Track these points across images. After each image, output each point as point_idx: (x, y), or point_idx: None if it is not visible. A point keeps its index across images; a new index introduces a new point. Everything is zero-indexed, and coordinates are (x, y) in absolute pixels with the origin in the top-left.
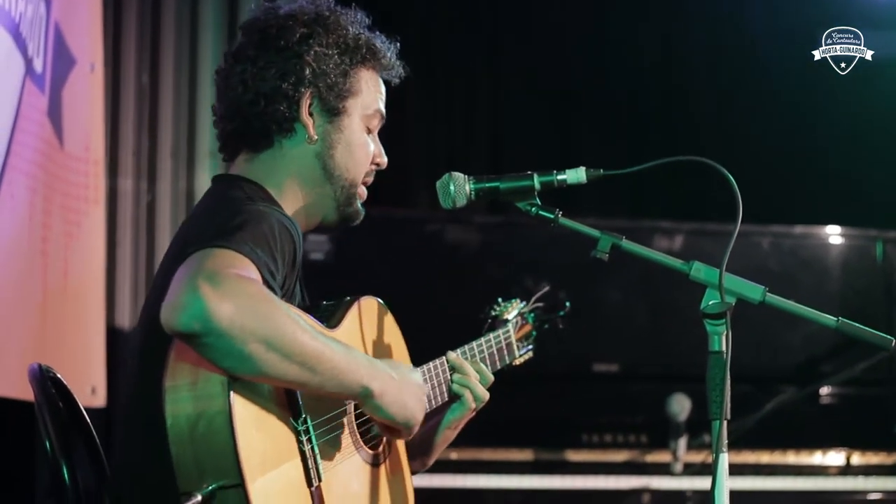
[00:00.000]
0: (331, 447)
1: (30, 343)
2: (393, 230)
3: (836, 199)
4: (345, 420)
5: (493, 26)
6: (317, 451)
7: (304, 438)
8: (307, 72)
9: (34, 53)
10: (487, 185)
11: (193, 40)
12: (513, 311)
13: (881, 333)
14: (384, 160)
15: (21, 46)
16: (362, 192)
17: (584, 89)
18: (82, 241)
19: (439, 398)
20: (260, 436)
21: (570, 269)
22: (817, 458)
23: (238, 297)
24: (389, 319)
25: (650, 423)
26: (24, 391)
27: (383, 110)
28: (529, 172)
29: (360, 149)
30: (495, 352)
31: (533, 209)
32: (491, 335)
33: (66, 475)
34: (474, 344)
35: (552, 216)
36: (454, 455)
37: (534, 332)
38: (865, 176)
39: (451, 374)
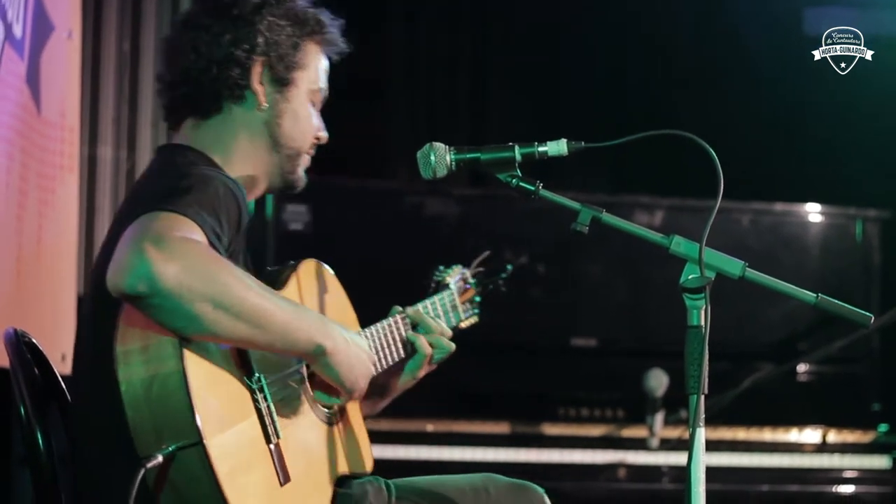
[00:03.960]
0: (285, 405)
1: (2, 309)
2: (372, 202)
3: (817, 177)
4: (298, 378)
5: (476, 2)
6: (272, 408)
7: (258, 396)
8: (260, 40)
9: (13, 19)
10: (468, 155)
11: (175, 9)
12: (455, 275)
13: (860, 310)
14: (325, 135)
15: (1, 11)
16: (307, 162)
17: (568, 64)
18: (56, 208)
19: (395, 355)
20: (215, 395)
21: (550, 242)
22: (794, 435)
23: (183, 258)
24: (333, 281)
25: (627, 398)
26: None
27: (326, 88)
28: (510, 144)
29: (306, 120)
30: (441, 314)
31: (514, 181)
32: (436, 297)
33: (40, 441)
34: (427, 302)
35: (532, 188)
36: (430, 427)
37: (477, 297)
38: (846, 154)
39: (408, 329)
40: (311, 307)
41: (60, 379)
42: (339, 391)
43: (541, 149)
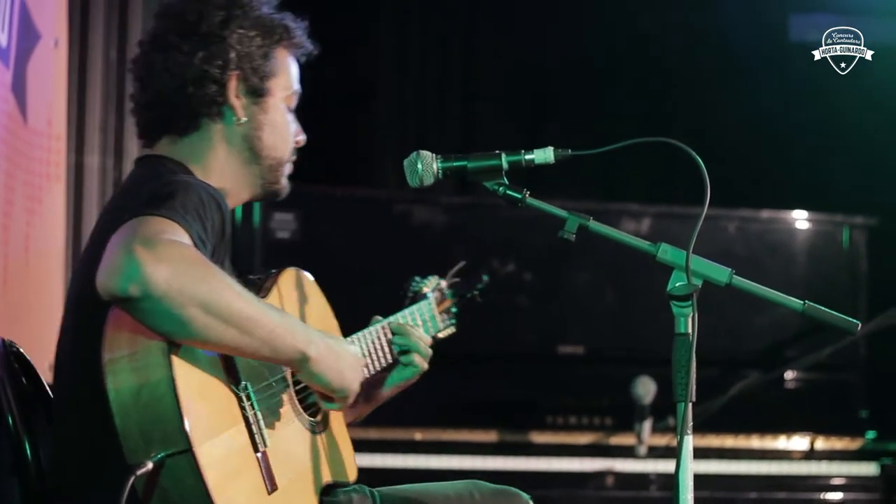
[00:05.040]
0: (271, 414)
1: None
2: (359, 209)
3: (804, 185)
4: (283, 387)
5: (468, 5)
6: (259, 416)
7: (246, 404)
8: (232, 55)
9: None
10: (455, 163)
11: None
12: (431, 286)
13: (847, 317)
14: (303, 138)
15: None
16: (290, 169)
17: (557, 71)
18: (44, 218)
19: (382, 360)
20: (203, 402)
21: (537, 251)
22: (781, 442)
23: (175, 261)
24: (314, 289)
25: (615, 406)
26: None
27: (299, 88)
28: (497, 152)
29: (285, 128)
30: (420, 324)
31: (500, 189)
32: (414, 307)
33: (28, 451)
34: (406, 312)
35: (519, 196)
36: (418, 436)
37: (454, 308)
38: (833, 162)
39: (392, 338)
40: (297, 315)
41: (48, 388)
42: (332, 397)
43: (527, 157)
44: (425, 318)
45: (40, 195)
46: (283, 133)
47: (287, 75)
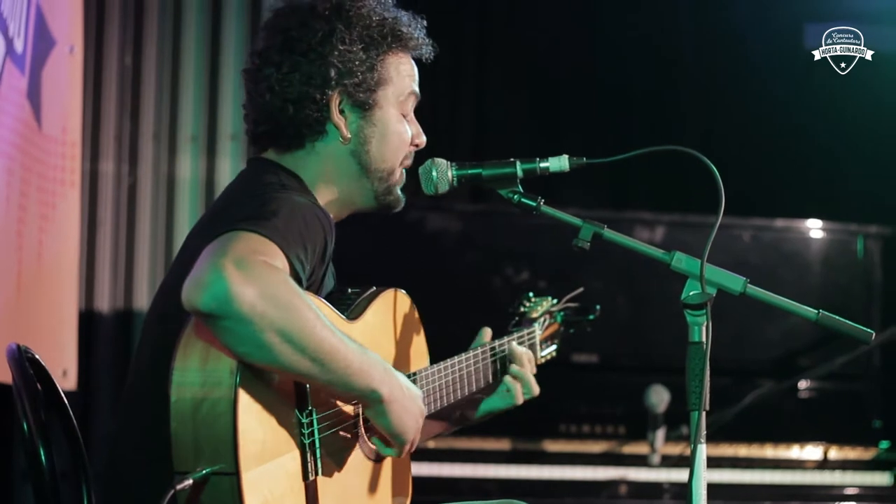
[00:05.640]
0: (333, 441)
1: (2, 324)
2: (372, 217)
3: (818, 194)
4: (350, 414)
5: (481, 11)
6: (317, 444)
7: (306, 431)
8: (332, 73)
9: (15, 34)
10: (470, 171)
11: (177, 23)
12: (542, 309)
13: (861, 327)
14: (423, 140)
15: (2, 27)
16: (401, 175)
17: (570, 79)
18: (57, 224)
19: (482, 382)
20: (261, 425)
21: (551, 258)
22: (795, 451)
23: (262, 284)
24: (414, 315)
25: (628, 414)
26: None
27: (417, 91)
28: (512, 159)
29: (396, 137)
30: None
31: (515, 196)
32: (524, 332)
33: (42, 457)
34: (515, 336)
35: (534, 204)
36: (430, 443)
37: (560, 332)
38: (848, 171)
39: (499, 362)
40: (385, 339)
41: (63, 395)
42: (390, 441)
43: (542, 164)
44: (525, 346)
45: (54, 201)
46: (393, 142)
47: (400, 81)
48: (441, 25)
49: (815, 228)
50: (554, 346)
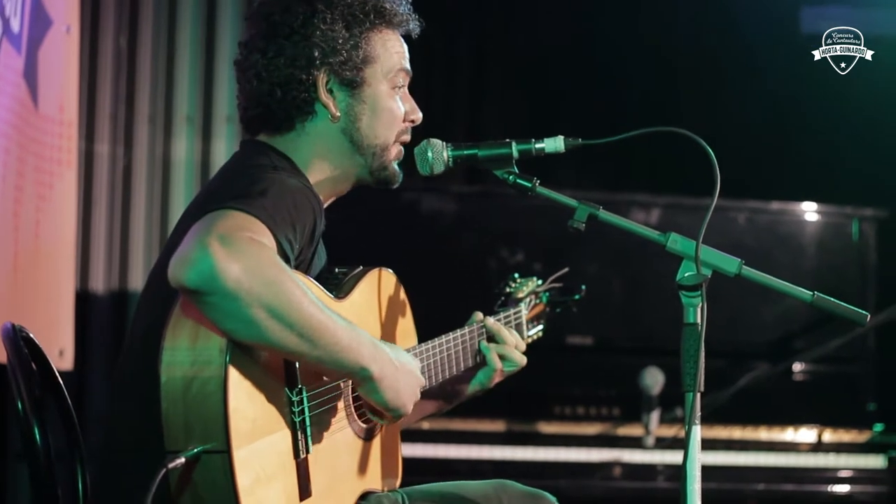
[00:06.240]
0: (323, 419)
1: (0, 304)
2: (367, 198)
3: (814, 176)
4: (340, 392)
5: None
6: (308, 422)
7: (296, 409)
8: (316, 53)
9: (11, 13)
10: (465, 151)
11: (172, 4)
12: (527, 289)
13: (856, 309)
14: (418, 116)
15: None
16: (398, 152)
17: (565, 66)
18: (54, 204)
19: (464, 364)
20: (252, 404)
21: (546, 240)
22: (789, 434)
23: (247, 260)
24: (401, 295)
25: (623, 396)
26: None
27: (408, 66)
28: (508, 140)
29: (387, 113)
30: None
31: (510, 177)
32: (510, 311)
33: (37, 436)
34: (501, 316)
35: (529, 185)
36: (425, 425)
37: (546, 312)
38: (843, 153)
39: (482, 339)
40: (371, 317)
41: (58, 374)
42: (384, 414)
43: (538, 145)
44: (511, 326)
45: (51, 181)
46: (385, 119)
47: (388, 57)
48: (438, 12)
49: (810, 211)
50: (540, 327)
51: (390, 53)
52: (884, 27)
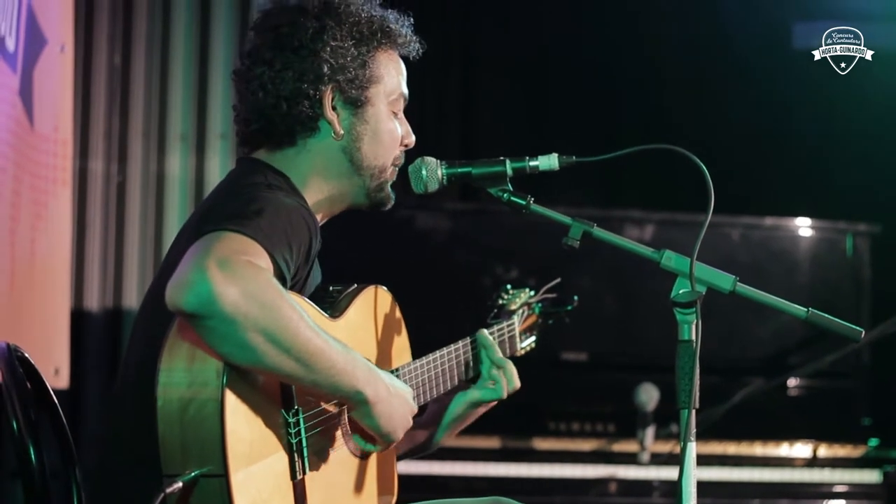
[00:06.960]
0: (320, 439)
1: None
2: (361, 215)
3: (807, 192)
4: (336, 412)
5: (467, 7)
6: (304, 443)
7: (293, 431)
8: (325, 68)
9: (6, 32)
10: (460, 170)
11: (166, 22)
12: (520, 301)
13: (850, 324)
14: (412, 139)
15: None
16: (392, 175)
17: (558, 76)
18: (50, 222)
19: (451, 383)
20: (249, 426)
21: (540, 257)
22: (784, 449)
23: (245, 284)
24: (396, 312)
25: (618, 413)
26: None
27: (406, 91)
28: (502, 158)
29: (387, 135)
30: (503, 342)
31: (505, 195)
32: (496, 327)
33: (32, 455)
34: (495, 329)
35: (524, 202)
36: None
37: (538, 323)
38: (837, 169)
39: (474, 354)
40: (367, 335)
41: (53, 393)
42: (376, 439)
43: (532, 163)
44: (504, 339)
45: (46, 199)
46: (384, 140)
47: (390, 79)
48: (428, 24)
49: (804, 226)
50: (533, 338)
51: (393, 75)
52: (876, 41)
